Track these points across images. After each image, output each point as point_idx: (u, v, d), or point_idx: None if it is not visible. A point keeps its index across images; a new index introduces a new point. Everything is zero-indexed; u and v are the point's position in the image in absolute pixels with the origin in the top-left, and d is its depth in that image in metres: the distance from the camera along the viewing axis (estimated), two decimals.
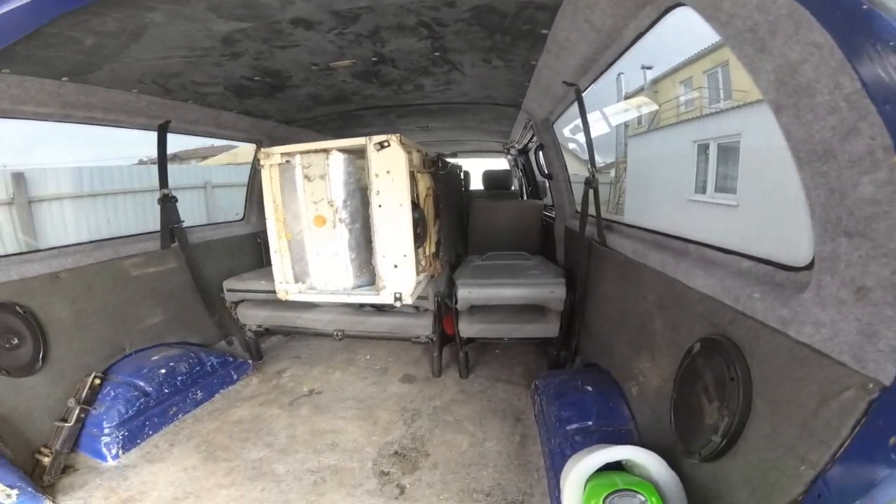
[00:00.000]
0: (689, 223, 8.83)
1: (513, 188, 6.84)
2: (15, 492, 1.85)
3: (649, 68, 12.32)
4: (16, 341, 2.25)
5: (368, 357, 3.52)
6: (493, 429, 2.50)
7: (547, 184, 4.31)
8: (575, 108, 2.68)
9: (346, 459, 2.27)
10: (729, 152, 9.12)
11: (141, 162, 9.75)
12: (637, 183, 12.75)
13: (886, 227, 0.80)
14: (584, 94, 2.53)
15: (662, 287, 1.79)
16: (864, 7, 0.73)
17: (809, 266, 1.05)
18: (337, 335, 3.20)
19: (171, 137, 3.10)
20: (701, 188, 9.98)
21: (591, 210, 2.66)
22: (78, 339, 2.54)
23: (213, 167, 9.90)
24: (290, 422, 2.63)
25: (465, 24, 2.03)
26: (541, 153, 3.65)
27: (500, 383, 3.03)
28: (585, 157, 2.80)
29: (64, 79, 2.26)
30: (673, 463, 1.45)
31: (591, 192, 2.62)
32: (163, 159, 3.17)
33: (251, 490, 2.07)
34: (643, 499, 1.25)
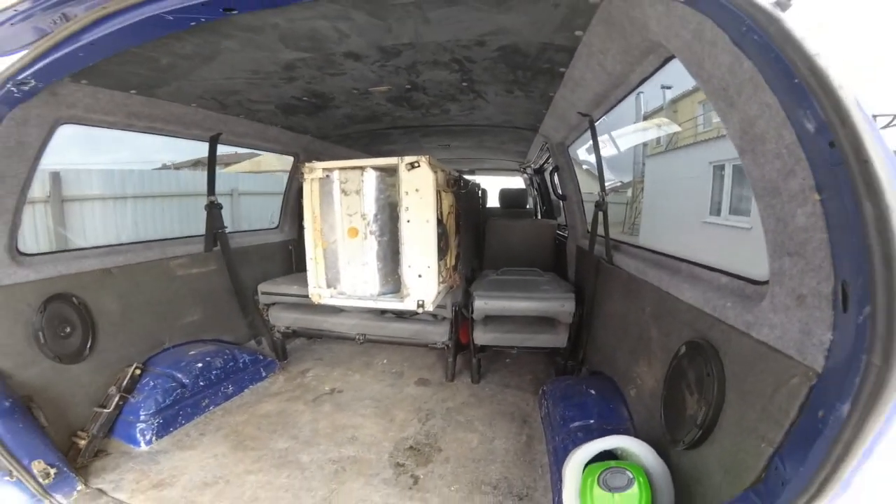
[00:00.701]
0: (702, 246, 8.82)
1: (528, 206, 7.01)
2: (54, 471, 2.04)
3: (668, 88, 12.44)
4: (68, 330, 2.45)
5: (385, 361, 3.71)
6: (501, 429, 2.65)
7: (561, 204, 4.50)
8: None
9: (364, 452, 2.44)
10: (744, 174, 9.20)
11: (164, 166, 10.03)
12: (653, 204, 12.79)
13: (813, 249, 0.99)
14: (601, 118, 2.74)
15: (658, 300, 1.97)
16: (796, 81, 0.92)
17: (767, 281, 1.24)
18: (359, 338, 3.41)
19: (194, 144, 3.37)
20: (716, 210, 10.02)
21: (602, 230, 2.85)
22: (123, 331, 2.76)
23: (239, 175, 10.21)
24: (314, 417, 2.82)
25: (491, 62, 2.28)
26: (556, 175, 3.85)
27: (509, 389, 3.18)
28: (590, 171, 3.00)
29: (132, 92, 2.52)
30: (662, 452, 1.61)
31: (600, 213, 2.81)
32: (212, 169, 3.46)
33: (277, 476, 2.23)
34: (631, 475, 1.41)
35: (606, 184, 2.90)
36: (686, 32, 1.27)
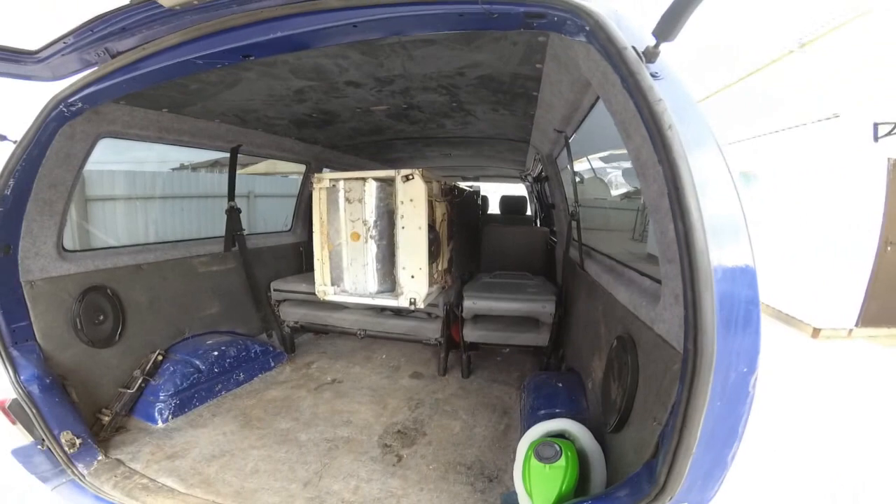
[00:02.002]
0: None
1: (528, 213, 7.21)
2: (79, 441, 2.28)
3: None
4: (102, 318, 2.75)
5: (384, 356, 3.99)
6: (483, 418, 2.90)
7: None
8: (596, 134, 3.10)
9: (356, 433, 2.71)
10: (749, 182, 9.23)
11: (182, 166, 10.24)
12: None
13: (682, 256, 1.18)
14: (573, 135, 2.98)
15: (606, 301, 2.22)
16: (668, 126, 1.13)
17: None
18: (360, 333, 3.73)
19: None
20: None
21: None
22: (149, 321, 3.08)
23: (256, 177, 10.55)
24: (314, 402, 3.11)
25: (473, 87, 2.57)
26: (546, 184, 4.11)
27: (496, 384, 3.43)
28: (609, 180, 3.25)
29: (164, 110, 2.86)
30: (599, 435, 1.85)
31: (573, 222, 3.06)
32: (232, 177, 3.81)
33: (277, 451, 2.51)
34: (558, 448, 1.64)
35: (620, 191, 3.15)
36: (599, 73, 1.52)
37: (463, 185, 6.26)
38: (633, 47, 1.24)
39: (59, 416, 2.26)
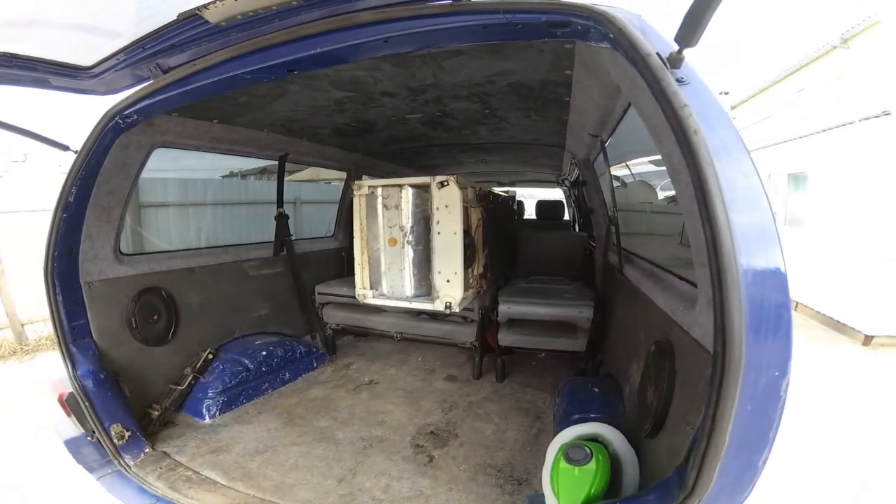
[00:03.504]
0: None
1: (565, 218, 7.12)
2: (128, 434, 2.41)
3: (726, 94, 11.82)
4: (156, 318, 2.92)
5: (419, 359, 4.07)
6: (515, 422, 2.90)
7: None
8: (633, 137, 3.08)
9: (390, 433, 2.78)
10: (799, 184, 8.77)
11: (231, 174, 10.59)
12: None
13: (711, 260, 1.16)
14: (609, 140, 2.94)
15: (646, 306, 2.18)
16: (694, 131, 1.13)
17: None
18: (396, 336, 3.84)
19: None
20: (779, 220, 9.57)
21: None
22: (201, 321, 3.26)
23: (301, 184, 10.89)
24: (352, 402, 3.21)
25: (504, 94, 2.61)
26: (584, 188, 4.07)
27: (529, 388, 3.42)
28: (651, 184, 3.19)
29: (215, 121, 3.03)
30: (634, 440, 1.83)
31: (612, 227, 3.02)
32: (280, 184, 4.00)
33: (316, 448, 2.61)
34: (589, 451, 1.63)
35: (664, 194, 3.11)
36: (627, 79, 1.52)
37: (498, 190, 6.29)
38: (658, 53, 1.25)
39: (111, 410, 2.39)
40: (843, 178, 7.70)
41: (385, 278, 3.37)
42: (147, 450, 2.47)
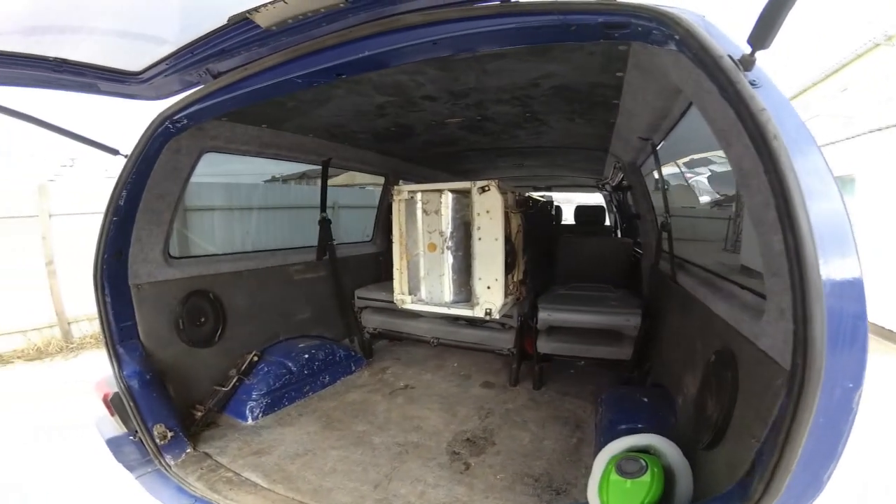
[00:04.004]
0: None
1: (606, 223, 6.97)
2: (171, 434, 2.43)
3: None
4: (203, 320, 2.97)
5: (455, 364, 4.05)
6: (553, 431, 2.83)
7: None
8: (685, 140, 2.94)
9: (426, 439, 2.76)
10: (846, 186, 8.34)
11: (273, 178, 10.87)
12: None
13: (786, 271, 1.11)
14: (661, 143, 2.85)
15: (703, 315, 2.09)
16: (773, 136, 1.08)
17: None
18: (433, 341, 3.81)
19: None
20: None
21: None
22: (247, 324, 3.32)
23: (338, 189, 11.05)
24: (388, 407, 3.21)
25: (548, 97, 2.57)
26: (629, 193, 3.96)
27: (568, 397, 3.34)
28: (700, 188, 3.09)
29: (263, 126, 3.09)
30: (689, 453, 1.76)
31: (664, 234, 2.93)
32: (324, 189, 4.08)
33: (353, 453, 2.62)
34: (644, 463, 1.57)
35: (708, 198, 3.00)
36: (692, 81, 1.46)
37: (535, 195, 6.21)
38: (730, 56, 1.21)
39: (155, 410, 2.42)
40: (893, 182, 7.32)
41: (424, 283, 3.37)
42: (189, 450, 2.50)
